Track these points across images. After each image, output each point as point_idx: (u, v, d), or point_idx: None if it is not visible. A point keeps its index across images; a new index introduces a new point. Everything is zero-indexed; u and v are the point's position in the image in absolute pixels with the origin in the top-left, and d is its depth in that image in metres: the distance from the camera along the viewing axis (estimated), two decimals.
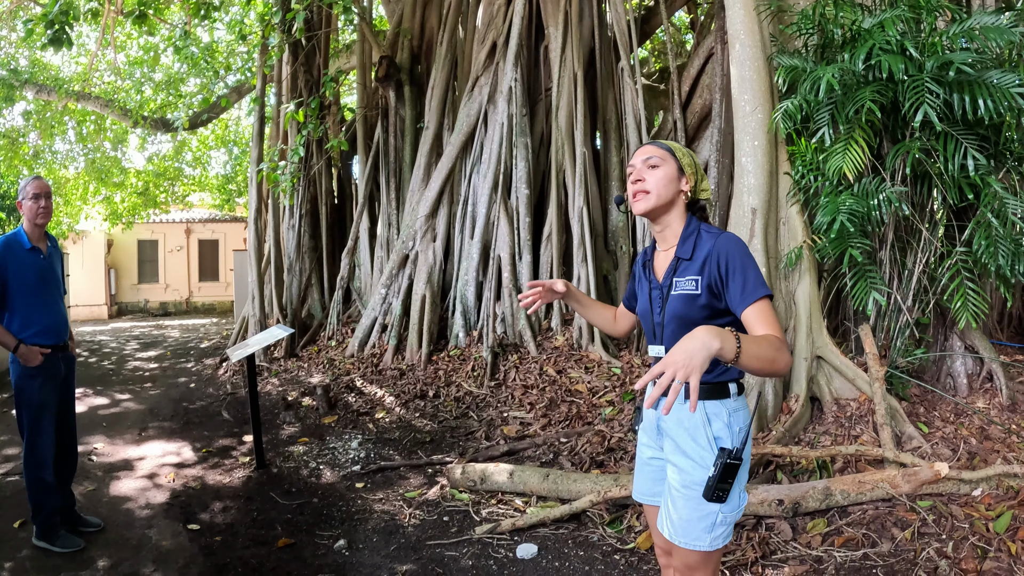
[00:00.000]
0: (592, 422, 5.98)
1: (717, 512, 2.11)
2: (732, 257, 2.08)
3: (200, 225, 25.14)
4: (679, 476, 2.18)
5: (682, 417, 2.19)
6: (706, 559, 2.18)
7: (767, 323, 1.98)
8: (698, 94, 8.11)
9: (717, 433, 2.14)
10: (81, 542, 4.01)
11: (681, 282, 2.17)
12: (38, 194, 3.93)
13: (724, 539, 2.16)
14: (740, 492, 2.16)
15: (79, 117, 16.90)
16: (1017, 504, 3.69)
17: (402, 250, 9.17)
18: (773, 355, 1.86)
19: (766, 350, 1.85)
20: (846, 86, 4.97)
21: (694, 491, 2.12)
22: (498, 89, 8.63)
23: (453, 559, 3.87)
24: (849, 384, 5.15)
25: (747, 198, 5.26)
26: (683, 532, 2.15)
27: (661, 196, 2.22)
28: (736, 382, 2.21)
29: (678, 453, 2.20)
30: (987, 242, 4.79)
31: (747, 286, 2.03)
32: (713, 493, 2.05)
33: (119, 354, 11.97)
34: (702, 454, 2.14)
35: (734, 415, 2.16)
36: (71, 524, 4.18)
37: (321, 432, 6.50)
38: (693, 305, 2.14)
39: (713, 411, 2.16)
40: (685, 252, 2.19)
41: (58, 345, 4.01)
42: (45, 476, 3.91)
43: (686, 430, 2.17)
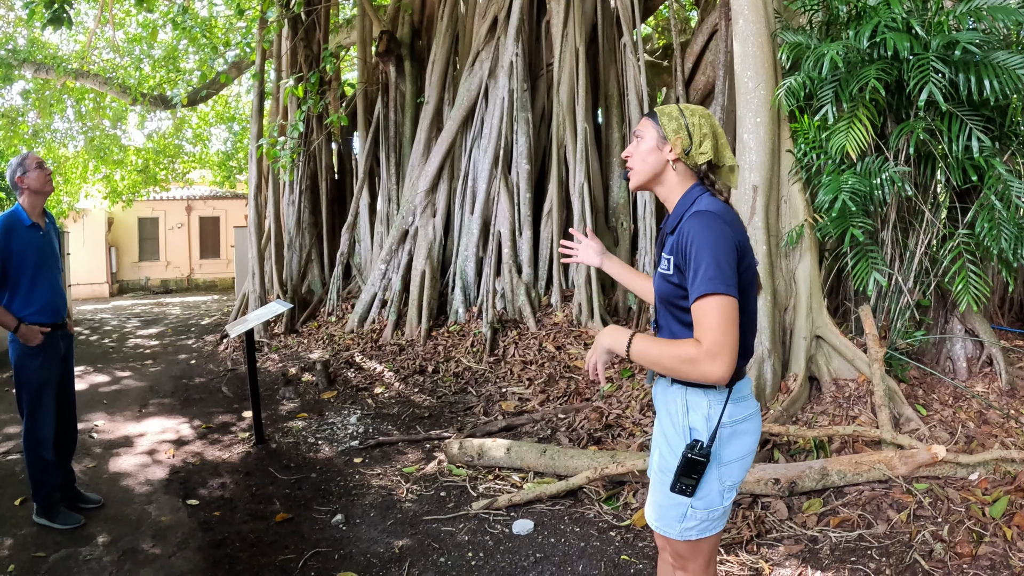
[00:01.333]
0: (590, 399, 5.99)
1: (687, 505, 2.02)
2: (691, 242, 1.92)
3: (201, 202, 25.06)
4: (658, 459, 2.14)
5: (667, 400, 2.11)
6: (693, 549, 2.10)
7: (703, 325, 1.85)
8: (701, 71, 8.04)
9: (693, 424, 2.02)
10: (81, 519, 4.03)
11: (663, 259, 2.06)
12: (41, 162, 3.93)
13: (699, 533, 2.06)
14: (721, 491, 2.04)
15: (78, 95, 16.79)
16: (1014, 489, 3.69)
17: (402, 225, 9.14)
18: (673, 366, 1.88)
19: (664, 359, 1.90)
20: (850, 64, 4.92)
21: (667, 476, 2.05)
22: (499, 64, 8.55)
23: (450, 534, 3.88)
24: (848, 364, 5.13)
25: (748, 175, 5.22)
26: (656, 515, 2.12)
27: (642, 172, 2.12)
28: None
29: (660, 435, 2.15)
30: (990, 225, 4.75)
31: (696, 279, 1.87)
32: (675, 484, 1.99)
33: (120, 332, 11.98)
34: (677, 442, 2.05)
35: (715, 408, 2.01)
36: (71, 501, 4.20)
37: (320, 408, 6.52)
38: (667, 284, 2.03)
39: (693, 400, 2.03)
40: (669, 226, 2.07)
41: (57, 323, 3.99)
42: (45, 454, 3.92)
43: (669, 415, 2.10)
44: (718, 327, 1.83)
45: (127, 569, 3.54)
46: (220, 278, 24.93)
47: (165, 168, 20.36)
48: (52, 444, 3.96)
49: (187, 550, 3.77)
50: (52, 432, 3.96)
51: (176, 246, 24.93)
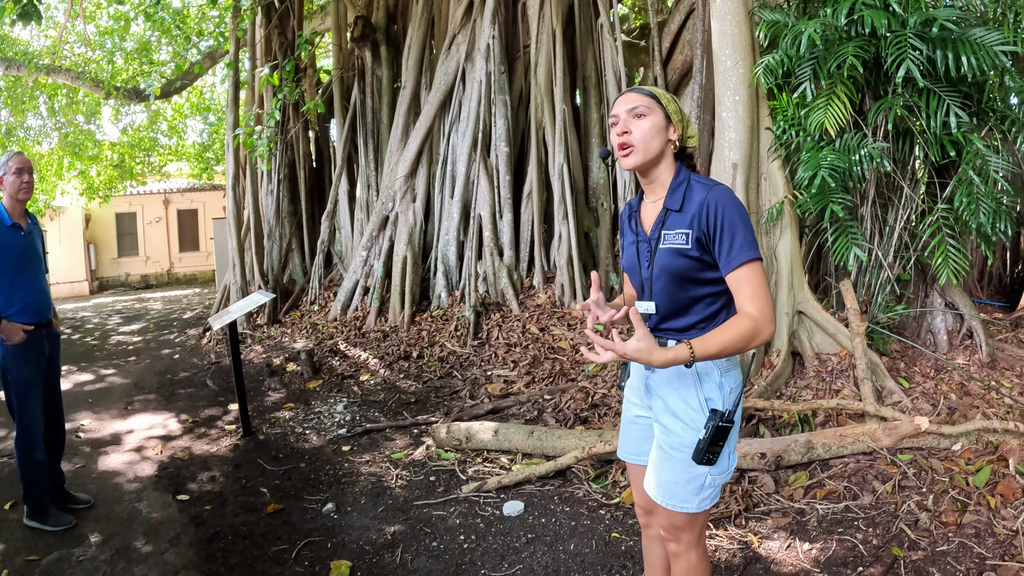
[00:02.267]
0: (576, 379, 6.01)
1: (706, 475, 2.07)
2: (723, 213, 1.98)
3: (178, 195, 24.77)
4: (668, 438, 2.12)
5: (672, 376, 2.11)
6: (692, 520, 2.15)
7: (748, 291, 1.94)
8: (679, 50, 8.02)
9: (708, 394, 2.07)
10: (72, 519, 3.99)
11: (670, 235, 2.07)
12: (21, 168, 3.83)
13: (711, 500, 2.12)
14: (730, 454, 2.11)
15: (50, 91, 16.48)
16: (996, 459, 3.76)
17: (382, 211, 9.10)
18: (741, 345, 1.90)
19: (733, 349, 1.91)
20: (828, 41, 4.93)
21: (683, 453, 2.07)
22: (476, 47, 8.50)
23: (440, 518, 3.90)
24: (830, 339, 5.19)
25: (728, 153, 5.24)
26: (671, 494, 2.12)
27: (650, 149, 2.09)
28: None
29: (667, 414, 2.13)
30: (968, 199, 4.81)
31: (733, 247, 1.95)
32: (703, 456, 2.02)
33: (102, 329, 11.86)
34: (693, 415, 2.08)
35: (725, 375, 2.09)
36: (62, 502, 4.16)
37: (306, 397, 6.50)
38: (683, 259, 2.04)
39: (704, 371, 2.08)
40: (674, 204, 2.08)
41: (41, 323, 3.94)
42: (36, 455, 3.87)
43: (676, 390, 2.11)
44: (763, 289, 1.95)
45: (121, 568, 3.53)
46: (200, 271, 24.71)
47: (141, 162, 20.07)
48: (42, 445, 3.92)
49: (180, 546, 3.76)
50: (42, 432, 3.92)
51: (155, 240, 24.65)
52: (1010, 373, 5.20)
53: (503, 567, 3.37)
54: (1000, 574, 2.92)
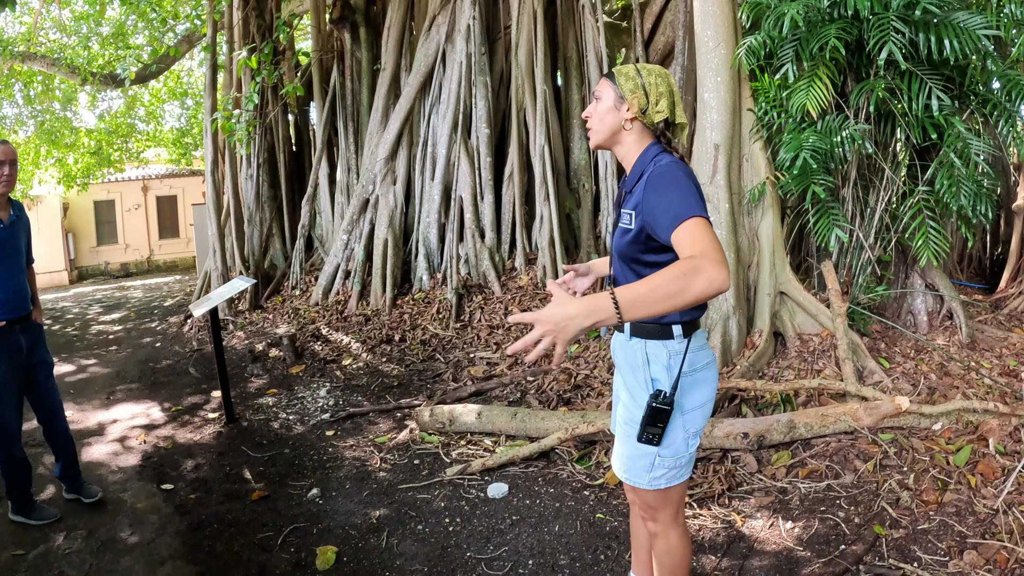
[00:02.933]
0: None
1: (654, 454, 2.10)
2: (657, 186, 1.91)
3: (157, 181, 24.46)
4: (623, 412, 2.20)
5: (627, 354, 2.17)
6: (662, 498, 2.18)
7: (689, 242, 1.73)
8: (661, 31, 8.00)
9: (655, 375, 2.10)
10: (56, 513, 3.92)
11: (623, 214, 2.09)
12: (2, 161, 3.67)
13: (668, 481, 2.14)
14: (686, 438, 2.11)
15: (25, 79, 16.19)
16: (976, 439, 3.80)
17: (362, 194, 9.03)
18: (677, 285, 1.61)
19: (663, 287, 1.61)
20: (810, 23, 4.92)
21: (633, 429, 2.12)
22: (456, 28, 8.42)
23: (425, 501, 3.90)
24: (812, 320, 5.22)
25: (710, 134, 5.24)
26: (625, 468, 2.18)
27: (600, 131, 2.15)
28: (681, 324, 2.08)
29: (624, 389, 2.21)
30: (949, 182, 4.84)
31: (668, 211, 1.83)
32: (642, 434, 2.05)
33: (82, 319, 11.72)
34: (640, 393, 2.12)
35: (675, 358, 2.08)
36: (75, 493, 4.13)
37: (289, 382, 6.47)
38: (627, 239, 2.06)
39: (653, 352, 2.10)
40: (630, 184, 2.10)
41: (17, 319, 3.81)
42: (14, 451, 3.78)
43: (630, 368, 2.16)
44: (703, 238, 1.73)
45: (107, 560, 3.50)
46: (181, 258, 24.47)
47: (119, 148, 19.79)
48: (20, 440, 3.82)
49: (165, 535, 3.73)
50: (19, 427, 3.81)
51: (134, 228, 24.35)
52: (989, 354, 5.26)
53: (488, 549, 3.38)
54: (981, 552, 2.96)
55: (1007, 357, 5.23)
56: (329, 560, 3.37)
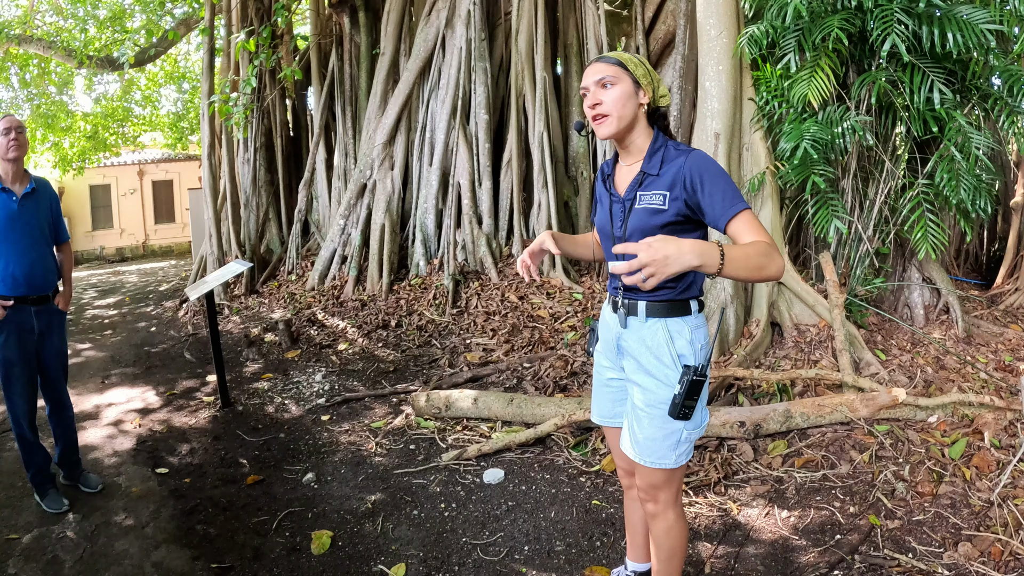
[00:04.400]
0: (555, 347, 6.02)
1: (681, 430, 2.14)
2: (706, 173, 2.01)
3: (153, 166, 24.31)
4: (643, 395, 2.18)
5: (644, 336, 2.18)
6: (670, 477, 2.21)
7: (754, 231, 1.93)
8: (662, 20, 7.95)
9: (681, 350, 2.14)
10: (65, 505, 3.83)
11: (646, 196, 2.11)
12: (8, 128, 3.61)
13: (687, 456, 2.19)
14: (702, 409, 2.18)
15: (21, 62, 16.05)
16: (971, 432, 3.81)
17: (360, 179, 8.99)
18: (762, 262, 1.84)
19: (754, 258, 1.83)
20: (814, 13, 4.90)
21: (659, 410, 2.13)
22: (456, 13, 8.36)
23: (421, 487, 3.90)
24: (809, 310, 5.22)
25: (710, 122, 5.22)
26: (649, 451, 2.17)
27: (622, 117, 2.13)
28: (697, 299, 2.19)
29: (641, 372, 2.19)
30: (949, 175, 4.83)
31: (726, 199, 1.97)
32: (679, 411, 2.07)
33: (77, 303, 11.64)
34: (667, 372, 2.13)
35: (696, 332, 2.16)
36: (73, 481, 4.10)
37: (285, 367, 6.45)
38: (656, 220, 2.09)
39: (676, 328, 2.15)
40: (652, 168, 2.12)
41: (28, 297, 3.71)
42: (25, 433, 3.75)
43: (649, 349, 2.17)
44: (764, 229, 1.95)
45: (101, 543, 3.49)
46: (176, 243, 24.37)
47: (115, 133, 19.67)
48: (30, 423, 3.77)
49: (160, 519, 3.72)
50: (27, 411, 3.76)
51: (130, 212, 24.23)
52: (985, 349, 5.28)
53: (484, 535, 3.38)
54: (975, 544, 2.97)
55: (1003, 352, 5.24)
56: (324, 544, 3.36)
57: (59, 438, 4.05)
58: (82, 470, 4.16)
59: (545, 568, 3.09)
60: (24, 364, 3.74)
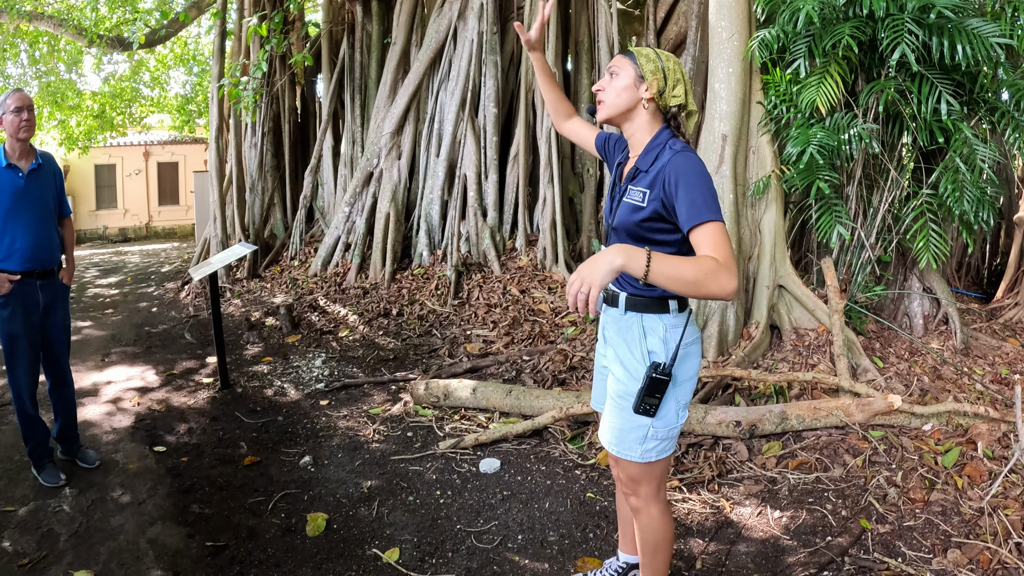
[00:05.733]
0: (555, 341, 6.04)
1: (648, 426, 2.16)
2: (683, 175, 1.99)
3: (159, 147, 24.39)
4: (615, 385, 2.23)
5: (622, 328, 2.23)
6: (647, 472, 2.23)
7: (711, 245, 1.89)
8: (673, 20, 7.97)
9: (651, 347, 2.16)
10: (61, 479, 3.87)
11: (633, 191, 2.14)
12: (20, 107, 3.65)
13: (658, 453, 2.20)
14: (677, 410, 2.18)
15: (32, 38, 16.03)
16: (965, 441, 3.83)
17: (366, 168, 9.00)
18: (697, 277, 1.79)
19: (687, 272, 1.79)
20: (825, 20, 4.91)
21: (627, 401, 2.17)
22: (469, 5, 8.37)
23: (417, 473, 3.93)
24: (809, 314, 5.24)
25: (718, 124, 5.23)
26: (616, 441, 2.22)
27: (615, 105, 2.18)
28: (677, 299, 2.19)
29: (617, 363, 2.24)
30: (953, 186, 4.85)
31: (694, 207, 1.94)
32: (640, 406, 2.10)
33: (79, 281, 11.68)
34: (636, 366, 2.17)
35: (671, 331, 2.16)
36: (70, 456, 4.13)
37: (285, 352, 6.48)
38: (635, 216, 2.11)
39: (650, 325, 2.17)
40: (644, 163, 2.15)
41: (35, 271, 3.76)
42: (26, 407, 3.79)
43: (624, 341, 2.21)
44: (725, 246, 1.89)
45: (97, 518, 3.52)
46: (179, 225, 24.43)
47: (122, 113, 19.66)
48: (31, 397, 3.81)
49: (156, 496, 3.76)
50: (29, 384, 3.79)
51: (134, 193, 24.30)
52: (983, 361, 5.30)
53: (478, 523, 3.41)
54: (965, 551, 3.00)
55: (1000, 365, 5.26)
56: (319, 527, 3.39)
57: (59, 413, 4.08)
58: (80, 445, 4.19)
59: (538, 557, 3.12)
60: (29, 338, 3.77)
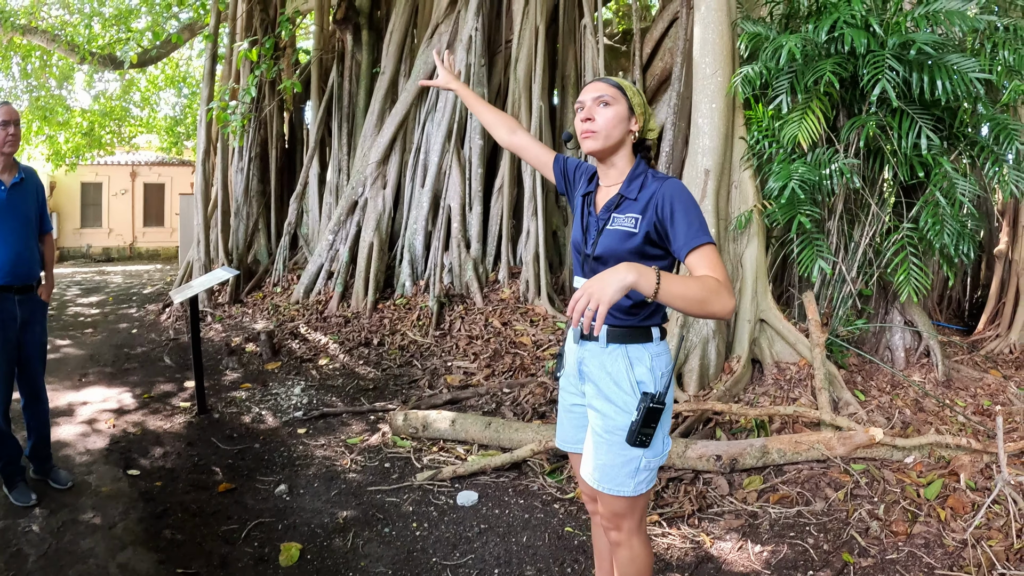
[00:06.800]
0: (535, 374, 6.02)
1: (640, 457, 2.13)
2: (677, 201, 2.04)
3: (146, 168, 24.32)
4: (602, 422, 2.18)
5: (605, 362, 2.19)
6: (631, 505, 2.20)
7: (710, 266, 1.94)
8: (659, 57, 8.07)
9: (640, 377, 2.14)
10: (33, 499, 3.79)
11: (620, 218, 2.15)
12: (7, 120, 3.62)
13: (648, 484, 2.18)
14: (663, 437, 2.17)
15: (24, 52, 16.04)
16: (947, 473, 3.83)
17: (351, 196, 9.01)
18: (703, 295, 1.83)
19: (694, 290, 1.83)
20: (807, 56, 4.99)
21: (617, 436, 2.13)
22: (458, 37, 8.46)
23: (394, 505, 3.87)
24: (790, 348, 5.26)
25: (701, 159, 5.28)
26: (607, 478, 2.17)
27: (610, 136, 2.19)
28: (659, 327, 2.21)
29: (600, 398, 2.20)
30: (934, 220, 4.90)
31: (690, 230, 1.99)
32: (636, 438, 2.07)
33: (59, 299, 11.58)
34: (625, 399, 2.14)
35: (656, 359, 2.17)
36: (42, 476, 4.05)
37: (264, 378, 6.42)
38: (627, 243, 2.12)
39: (636, 355, 2.16)
40: (631, 192, 2.17)
41: (13, 286, 3.71)
42: None
43: (609, 375, 2.18)
44: (722, 267, 1.96)
45: (68, 540, 3.45)
46: (164, 247, 24.29)
47: (111, 131, 19.64)
48: (4, 414, 3.72)
49: (128, 520, 3.68)
50: (2, 401, 3.70)
51: (119, 213, 24.17)
52: (964, 393, 5.32)
53: (455, 556, 3.36)
54: None
55: (981, 397, 5.29)
56: (293, 557, 3.33)
57: (32, 431, 4.01)
58: (52, 465, 4.12)
59: None
60: (4, 353, 3.71)
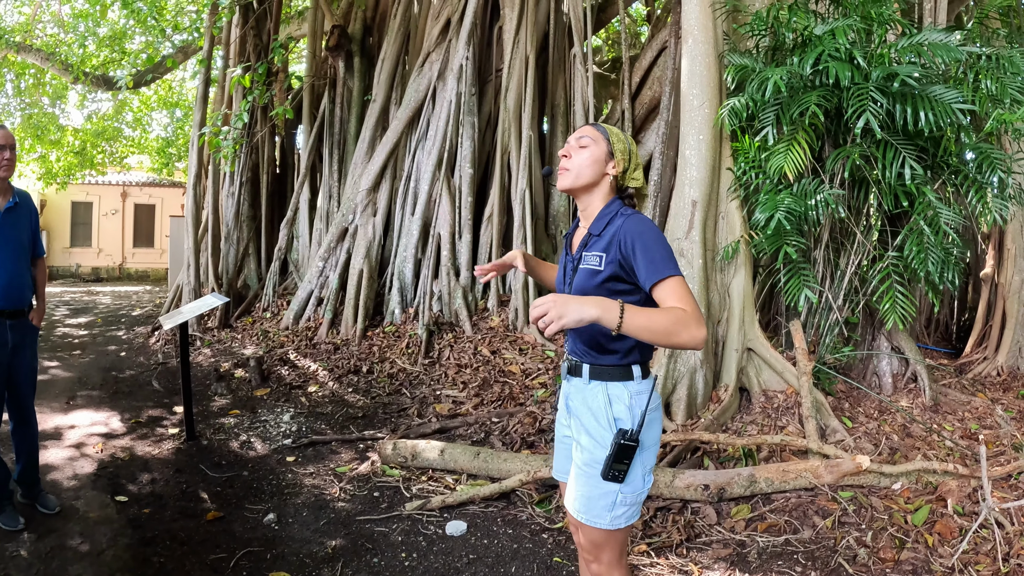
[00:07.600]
0: (524, 403, 6.03)
1: (616, 492, 2.16)
2: (639, 236, 2.09)
3: (137, 189, 24.32)
4: (581, 454, 2.24)
5: (587, 397, 2.24)
6: (610, 538, 2.22)
7: (676, 298, 1.97)
8: (648, 86, 8.18)
9: (617, 415, 2.18)
10: (20, 523, 3.78)
11: (588, 256, 2.21)
12: (3, 145, 3.63)
13: (627, 519, 2.21)
14: (644, 475, 2.20)
15: (18, 70, 16.11)
16: (935, 499, 3.87)
17: (342, 223, 9.05)
18: (668, 327, 1.88)
19: (659, 322, 1.88)
20: (793, 88, 5.08)
21: (594, 469, 2.18)
22: (449, 66, 8.56)
23: (383, 535, 3.87)
24: (777, 377, 5.30)
25: (688, 190, 5.35)
26: (584, 509, 2.21)
27: (580, 176, 2.25)
28: (640, 365, 2.23)
29: (582, 432, 2.25)
30: (918, 248, 4.98)
31: (652, 265, 2.03)
32: (609, 472, 2.11)
33: (48, 320, 11.53)
34: (603, 434, 2.18)
35: (636, 398, 2.20)
36: (31, 500, 4.03)
37: (253, 405, 6.40)
38: (593, 280, 2.17)
39: (615, 393, 2.20)
40: (596, 228, 2.23)
41: (5, 311, 3.70)
42: None
43: (589, 410, 2.23)
44: (689, 297, 1.98)
45: (55, 566, 3.43)
46: (153, 268, 24.23)
47: (103, 151, 19.65)
48: None
49: (116, 548, 3.66)
50: None
51: (109, 233, 24.12)
52: (952, 417, 5.37)
53: None
54: None
55: (969, 420, 5.33)
56: None
57: (20, 455, 3.99)
58: (41, 490, 4.10)
59: None
60: None
